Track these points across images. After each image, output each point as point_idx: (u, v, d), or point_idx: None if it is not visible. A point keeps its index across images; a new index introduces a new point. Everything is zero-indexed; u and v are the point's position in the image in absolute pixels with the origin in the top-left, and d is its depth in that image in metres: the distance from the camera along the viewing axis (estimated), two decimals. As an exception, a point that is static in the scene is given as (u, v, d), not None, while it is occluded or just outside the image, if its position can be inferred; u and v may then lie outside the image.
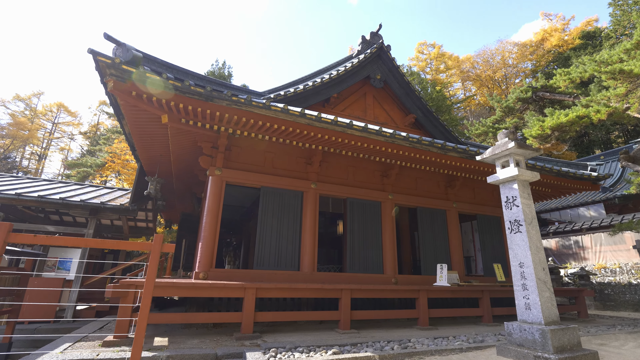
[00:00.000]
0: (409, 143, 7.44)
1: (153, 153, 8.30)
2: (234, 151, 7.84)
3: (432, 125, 11.41)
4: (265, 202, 7.78)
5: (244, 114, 6.15)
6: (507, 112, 15.71)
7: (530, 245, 4.94)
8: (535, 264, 4.85)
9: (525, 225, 5.04)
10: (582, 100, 11.54)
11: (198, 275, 6.70)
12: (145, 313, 3.80)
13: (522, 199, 5.22)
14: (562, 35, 34.16)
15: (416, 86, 30.27)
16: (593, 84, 11.47)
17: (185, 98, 5.72)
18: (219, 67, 34.94)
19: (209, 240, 7.03)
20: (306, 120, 6.50)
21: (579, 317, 9.34)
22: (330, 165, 8.78)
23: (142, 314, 3.82)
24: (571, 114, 11.18)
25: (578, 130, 13.20)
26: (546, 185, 9.94)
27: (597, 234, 14.39)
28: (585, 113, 11.04)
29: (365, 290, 6.84)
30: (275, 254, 7.53)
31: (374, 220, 8.88)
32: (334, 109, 10.32)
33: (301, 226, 7.97)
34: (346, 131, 6.86)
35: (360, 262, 8.37)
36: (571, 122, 11.20)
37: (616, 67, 10.07)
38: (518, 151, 5.41)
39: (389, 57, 11.03)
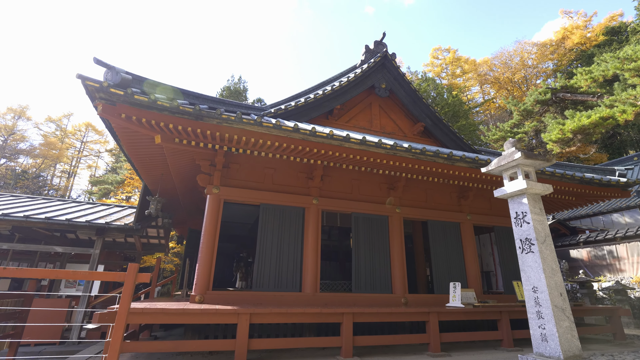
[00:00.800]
0: (412, 154, 7.04)
1: (154, 172, 8.25)
2: (233, 168, 7.67)
3: (442, 132, 10.92)
4: (264, 219, 7.53)
5: (235, 132, 5.96)
6: (525, 115, 14.90)
7: (544, 267, 4.43)
8: (550, 288, 4.34)
9: (537, 245, 4.54)
10: (606, 100, 10.76)
11: (194, 298, 6.49)
12: (115, 347, 3.58)
13: (533, 214, 4.72)
14: (584, 33, 32.73)
15: (432, 92, 29.70)
16: (617, 83, 10.67)
17: (175, 118, 5.59)
18: (234, 82, 35.53)
19: (206, 261, 6.83)
20: (300, 135, 6.24)
21: (614, 339, 8.49)
22: (333, 180, 8.47)
23: (113, 348, 3.60)
24: (594, 115, 10.44)
25: (604, 132, 12.35)
26: (569, 194, 9.23)
27: (633, 242, 13.29)
28: (610, 114, 10.27)
29: (368, 314, 6.40)
30: (275, 275, 7.24)
31: (381, 236, 8.46)
32: (337, 121, 10.03)
33: (303, 244, 7.66)
34: (343, 145, 6.55)
35: (367, 281, 7.94)
36: (594, 124, 10.44)
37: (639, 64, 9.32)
38: (526, 162, 4.94)
39: (394, 65, 10.68)
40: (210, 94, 7.70)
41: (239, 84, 35.38)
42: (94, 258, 8.93)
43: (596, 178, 8.77)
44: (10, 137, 36.75)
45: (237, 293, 6.97)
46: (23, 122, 38.66)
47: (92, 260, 8.90)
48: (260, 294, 6.98)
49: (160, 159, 7.35)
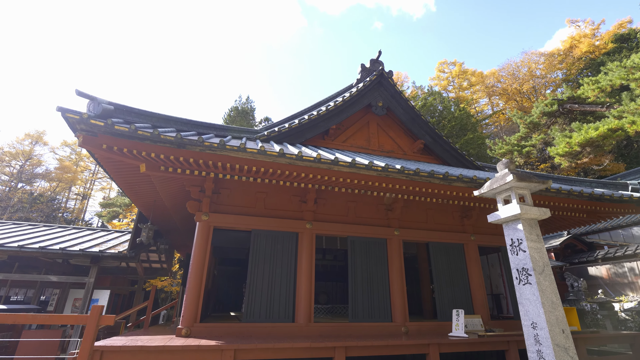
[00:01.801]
0: (406, 176, 6.75)
1: (146, 199, 8.17)
2: (224, 194, 7.51)
3: (442, 149, 10.61)
4: (256, 246, 7.30)
5: (219, 159, 5.81)
6: (531, 128, 14.50)
7: (542, 300, 4.05)
8: (551, 325, 3.94)
9: (535, 276, 4.17)
10: (613, 111, 10.33)
11: (180, 331, 6.24)
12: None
13: (529, 242, 4.37)
14: (592, 41, 32.21)
15: (438, 106, 29.43)
16: (625, 93, 10.27)
17: (156, 147, 5.48)
18: (242, 103, 35.96)
19: (194, 292, 6.61)
20: (286, 160, 6.05)
21: (636, 367, 7.83)
22: (328, 202, 8.22)
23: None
24: (602, 127, 10.04)
25: (616, 143, 11.83)
26: (579, 211, 8.72)
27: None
28: (619, 125, 9.86)
29: (361, 348, 6.03)
30: (267, 305, 6.95)
31: (380, 260, 8.11)
32: (334, 141, 9.84)
33: (296, 271, 7.37)
34: (332, 168, 6.32)
35: (365, 309, 7.56)
36: (603, 136, 10.05)
37: (648, 74, 8.92)
38: (520, 184, 4.61)
39: (390, 82, 10.52)
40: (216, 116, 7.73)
41: (247, 104, 35.79)
42: (88, 287, 8.80)
43: (607, 194, 8.28)
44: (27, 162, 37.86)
45: (226, 325, 6.68)
46: (40, 147, 39.85)
47: (87, 288, 8.78)
48: (250, 326, 6.69)
49: (149, 186, 7.26)
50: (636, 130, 9.50)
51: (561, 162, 11.59)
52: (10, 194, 32.40)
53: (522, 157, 14.61)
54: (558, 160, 11.54)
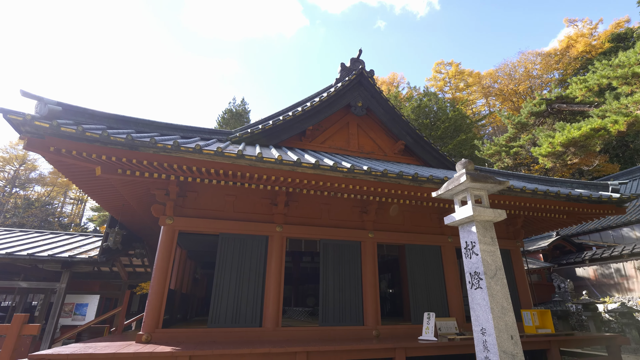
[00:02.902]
0: (373, 177, 6.60)
1: (114, 203, 8.05)
2: (190, 197, 7.38)
3: (423, 150, 10.47)
4: (223, 250, 7.15)
5: (175, 160, 5.68)
6: (519, 128, 14.32)
7: (492, 305, 3.89)
8: (499, 331, 3.79)
9: (486, 280, 4.02)
10: (596, 110, 10.16)
11: (140, 337, 6.11)
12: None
13: (482, 244, 4.22)
14: (589, 41, 32.01)
15: (433, 106, 29.27)
16: (608, 92, 10.09)
17: (107, 149, 5.35)
18: (237, 105, 35.92)
19: (157, 297, 6.47)
20: (246, 162, 5.91)
21: (614, 371, 7.64)
22: (300, 205, 8.07)
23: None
24: (585, 127, 9.87)
25: (604, 143, 11.64)
26: (558, 212, 8.54)
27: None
28: (602, 125, 9.69)
29: (323, 353, 5.87)
30: (233, 309, 6.80)
31: (353, 263, 7.95)
32: (312, 142, 9.71)
33: (265, 276, 7.22)
34: (295, 170, 6.18)
35: (336, 312, 7.41)
36: (585, 136, 9.85)
37: (627, 71, 8.74)
38: (476, 185, 4.46)
39: (370, 82, 10.39)
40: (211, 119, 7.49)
41: (241, 106, 35.75)
42: (59, 292, 8.69)
43: (585, 195, 8.10)
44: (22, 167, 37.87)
45: (190, 331, 6.54)
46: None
47: (58, 294, 8.66)
48: (216, 331, 6.54)
49: (113, 189, 7.13)
50: (619, 130, 9.32)
51: (546, 162, 11.39)
52: (4, 199, 32.38)
53: (510, 158, 14.42)
54: (542, 161, 11.35)
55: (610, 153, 26.33)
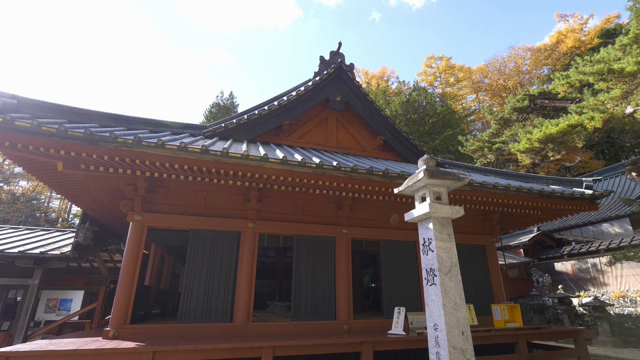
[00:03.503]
0: (343, 173, 6.58)
1: (84, 199, 7.92)
2: (160, 192, 7.29)
3: (402, 146, 10.47)
4: (194, 246, 7.10)
5: (137, 156, 5.58)
6: (502, 124, 14.37)
7: (444, 302, 3.91)
8: (450, 327, 3.81)
9: (440, 276, 4.03)
10: (573, 106, 10.22)
11: (107, 333, 6.06)
12: None
13: (438, 241, 4.22)
14: (578, 36, 32.13)
15: (422, 101, 29.27)
16: (586, 88, 10.14)
17: (66, 143, 5.24)
18: (224, 98, 35.59)
19: (124, 292, 6.43)
20: (211, 157, 5.84)
21: (580, 364, 7.79)
22: (274, 201, 8.03)
23: None
24: (562, 123, 9.92)
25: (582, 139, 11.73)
26: (532, 208, 8.60)
27: (617, 255, 12.50)
28: (579, 121, 9.74)
29: (290, 347, 5.88)
30: (204, 304, 6.77)
31: (327, 259, 7.96)
32: (289, 137, 9.65)
33: (236, 271, 7.19)
34: (263, 165, 6.12)
35: (308, 307, 7.42)
36: (563, 133, 9.90)
37: (603, 67, 8.79)
38: (434, 182, 4.45)
39: (350, 76, 10.34)
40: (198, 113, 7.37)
41: (229, 100, 35.42)
42: (32, 289, 8.58)
43: (557, 191, 8.17)
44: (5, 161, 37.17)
45: (159, 326, 6.50)
46: (20, 144, 39.06)
47: (30, 291, 8.56)
48: (185, 327, 6.52)
49: (78, 185, 7.01)
50: (595, 127, 9.39)
51: (524, 159, 11.47)
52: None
53: (493, 154, 14.48)
54: (520, 157, 11.42)
55: (596, 149, 26.64)
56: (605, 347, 10.11)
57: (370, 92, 28.54)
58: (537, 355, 7.90)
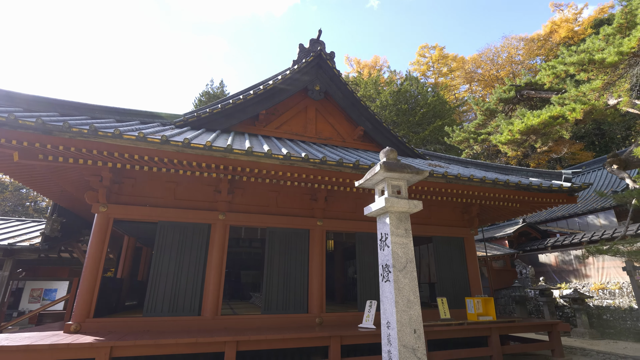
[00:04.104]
0: (312, 165, 6.41)
1: (52, 190, 7.72)
2: (127, 183, 7.11)
3: (383, 137, 10.31)
4: (162, 237, 6.95)
5: (94, 146, 5.38)
6: (488, 115, 14.22)
7: (397, 299, 3.80)
8: (401, 325, 3.71)
9: (394, 273, 3.91)
10: (554, 97, 10.07)
11: (69, 327, 5.94)
12: None
13: (394, 237, 4.09)
14: (571, 26, 31.82)
15: (414, 91, 29.00)
16: (569, 79, 9.98)
17: (17, 133, 5.03)
18: (215, 87, 35.06)
19: (88, 285, 6.30)
20: (173, 148, 5.65)
21: (552, 356, 7.81)
22: (247, 193, 7.87)
23: None
24: (544, 114, 9.79)
25: (570, 130, 11.61)
26: (510, 201, 8.52)
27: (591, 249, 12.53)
28: (561, 112, 9.60)
29: (254, 342, 5.80)
30: (171, 298, 6.66)
31: (300, 251, 7.85)
32: (266, 127, 9.46)
33: (206, 264, 7.07)
34: (227, 156, 5.94)
35: (280, 300, 7.34)
36: (544, 124, 9.77)
37: (584, 57, 8.62)
38: (393, 175, 4.31)
39: (330, 65, 10.08)
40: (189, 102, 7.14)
41: (220, 88, 34.90)
42: (1, 280, 8.43)
43: (535, 184, 8.07)
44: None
45: (124, 320, 6.39)
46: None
47: (0, 282, 8.40)
48: (152, 320, 6.42)
49: (41, 176, 6.80)
50: (576, 118, 9.26)
51: (507, 150, 11.35)
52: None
53: (479, 145, 14.36)
54: (502, 149, 11.30)
55: (586, 141, 26.61)
56: (582, 339, 10.17)
57: (361, 82, 28.19)
58: (510, 348, 7.91)
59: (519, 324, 7.65)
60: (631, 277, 8.34)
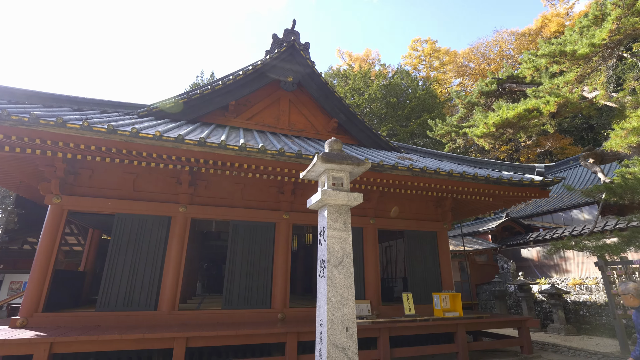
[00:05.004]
0: (270, 156, 6.21)
1: (9, 181, 7.52)
2: (84, 174, 6.90)
3: (357, 129, 10.13)
4: (119, 230, 6.78)
5: (37, 135, 5.17)
6: (470, 108, 14.01)
7: (329, 295, 3.65)
8: (332, 322, 3.56)
9: (328, 268, 3.75)
10: (529, 90, 9.91)
11: (15, 322, 5.78)
12: None
13: (331, 230, 3.93)
14: (562, 21, 31.54)
15: (404, 84, 28.74)
16: (544, 71, 9.81)
17: (-49, 121, 4.82)
18: (205, 79, 34.67)
19: (38, 278, 6.12)
20: (121, 138, 5.44)
21: (521, 352, 7.72)
22: (211, 185, 7.69)
23: None
24: (519, 107, 9.61)
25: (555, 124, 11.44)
26: (482, 194, 8.36)
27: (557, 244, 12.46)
28: (536, 105, 9.43)
29: (205, 338, 5.66)
30: (126, 292, 6.50)
31: (265, 245, 7.70)
32: (236, 118, 9.24)
33: (164, 257, 6.90)
34: (179, 147, 5.75)
35: (242, 295, 7.19)
36: (519, 117, 9.60)
37: (555, 49, 8.43)
38: (333, 166, 4.13)
39: (303, 56, 9.85)
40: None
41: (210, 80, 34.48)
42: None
43: (505, 177, 7.93)
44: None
45: (76, 315, 6.22)
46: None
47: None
48: (106, 315, 6.26)
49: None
50: (550, 111, 9.09)
51: (484, 144, 11.19)
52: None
53: (461, 138, 14.17)
54: (481, 143, 11.14)
55: (575, 135, 26.52)
56: (558, 334, 10.11)
57: (350, 75, 27.91)
58: (478, 345, 7.83)
59: (486, 320, 7.55)
60: (603, 272, 8.24)
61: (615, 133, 7.41)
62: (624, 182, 7.08)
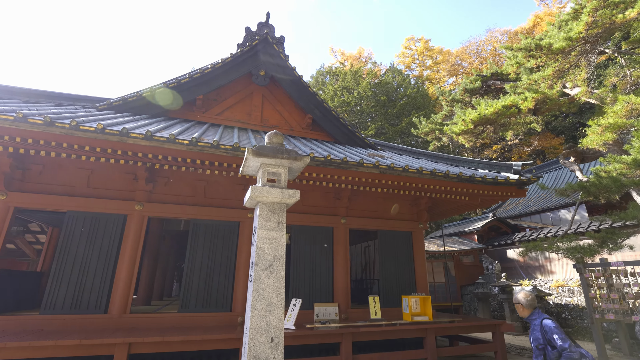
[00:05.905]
0: (225, 152, 5.90)
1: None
2: (34, 170, 6.57)
3: (332, 125, 9.82)
4: (70, 229, 6.45)
5: (-34, 127, 4.85)
6: (454, 106, 13.71)
7: (254, 302, 3.33)
8: (255, 332, 3.25)
9: (256, 272, 3.44)
10: (507, 86, 9.62)
11: (-50, 327, 5.44)
12: None
13: (262, 230, 3.61)
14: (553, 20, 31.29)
15: (394, 83, 28.44)
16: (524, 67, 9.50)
17: None
18: (196, 76, 34.24)
19: (-22, 281, 5.78)
20: (60, 130, 5.12)
21: (495, 357, 7.42)
22: (171, 182, 7.37)
23: None
24: (497, 104, 9.33)
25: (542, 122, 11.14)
26: (457, 194, 8.05)
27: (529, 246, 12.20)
28: (514, 102, 9.14)
29: (151, 344, 5.34)
30: (75, 294, 6.17)
31: (228, 245, 7.38)
32: (205, 114, 8.92)
33: (117, 257, 6.58)
34: (125, 141, 5.42)
35: (200, 298, 6.87)
36: (497, 114, 9.30)
37: (530, 43, 8.14)
38: (268, 161, 3.82)
39: (276, 49, 9.53)
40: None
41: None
42: None
43: (478, 176, 7.62)
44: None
45: (17, 318, 5.88)
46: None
47: None
48: (50, 318, 5.92)
49: None
50: (528, 107, 8.80)
51: (464, 142, 10.89)
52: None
53: (445, 136, 13.86)
54: (461, 140, 10.84)
55: (567, 135, 26.23)
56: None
57: (341, 73, 27.57)
58: (450, 350, 7.54)
59: (456, 325, 7.24)
60: (581, 274, 7.95)
61: (592, 130, 7.12)
62: (598, 181, 6.79)
